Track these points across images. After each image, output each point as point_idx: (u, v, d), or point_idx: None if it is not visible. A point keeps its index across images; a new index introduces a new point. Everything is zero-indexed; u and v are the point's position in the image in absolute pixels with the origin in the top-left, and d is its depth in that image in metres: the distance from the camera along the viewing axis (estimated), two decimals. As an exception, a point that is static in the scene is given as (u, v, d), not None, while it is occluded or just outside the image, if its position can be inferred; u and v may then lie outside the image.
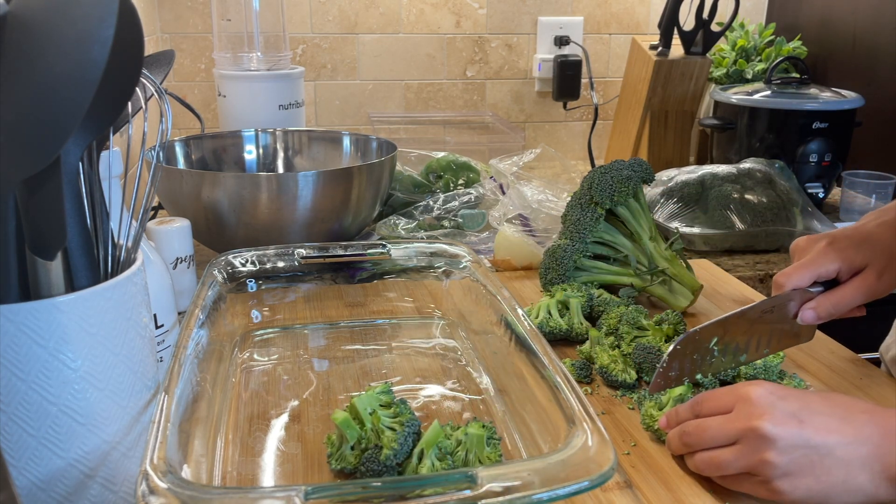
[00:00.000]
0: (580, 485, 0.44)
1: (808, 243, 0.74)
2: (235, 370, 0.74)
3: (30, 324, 0.45)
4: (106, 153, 0.62)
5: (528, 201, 1.06)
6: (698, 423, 0.58)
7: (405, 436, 0.56)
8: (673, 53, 1.47)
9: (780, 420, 0.53)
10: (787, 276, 0.71)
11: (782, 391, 0.56)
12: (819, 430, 0.53)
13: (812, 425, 0.53)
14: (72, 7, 0.42)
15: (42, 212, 0.45)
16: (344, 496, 0.43)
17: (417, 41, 1.60)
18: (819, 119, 1.30)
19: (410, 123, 1.61)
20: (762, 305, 0.69)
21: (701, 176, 1.18)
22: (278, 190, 0.92)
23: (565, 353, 0.79)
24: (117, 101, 0.48)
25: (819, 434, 0.53)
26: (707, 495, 0.57)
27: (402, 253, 0.82)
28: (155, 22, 1.50)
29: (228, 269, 0.77)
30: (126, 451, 0.51)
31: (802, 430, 0.53)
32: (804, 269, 0.70)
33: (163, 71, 0.64)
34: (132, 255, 0.54)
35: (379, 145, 1.16)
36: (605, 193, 0.87)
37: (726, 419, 0.56)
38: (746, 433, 0.54)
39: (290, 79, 1.28)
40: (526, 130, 1.70)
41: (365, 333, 0.82)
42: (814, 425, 0.53)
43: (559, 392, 0.54)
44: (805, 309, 0.70)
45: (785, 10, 1.68)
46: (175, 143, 1.12)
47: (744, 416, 0.55)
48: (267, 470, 0.59)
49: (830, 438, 0.53)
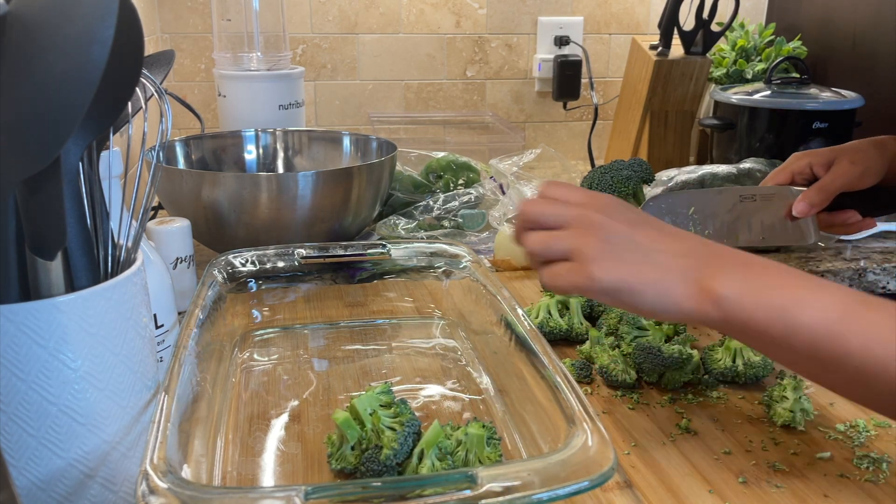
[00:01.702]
0: (580, 485, 0.44)
1: None
2: (235, 370, 0.74)
3: (30, 324, 0.45)
4: (106, 153, 0.62)
5: (528, 201, 1.06)
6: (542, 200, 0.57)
7: (405, 436, 0.56)
8: (673, 53, 1.47)
9: (613, 215, 0.54)
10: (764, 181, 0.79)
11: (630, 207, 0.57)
12: (648, 235, 0.53)
13: (643, 231, 0.54)
14: (72, 7, 0.42)
15: (42, 212, 0.45)
16: (344, 496, 0.43)
17: (417, 41, 1.60)
18: (819, 119, 1.30)
19: (410, 123, 1.61)
20: (738, 190, 0.74)
21: (701, 176, 1.18)
22: (278, 190, 0.92)
23: (565, 353, 0.79)
24: (117, 101, 0.48)
25: (647, 238, 0.53)
26: (707, 495, 0.57)
27: (402, 253, 0.82)
28: (155, 22, 1.50)
29: (228, 269, 0.77)
30: (126, 451, 0.51)
31: (632, 231, 0.53)
32: (777, 171, 0.80)
33: (163, 71, 0.64)
34: (132, 255, 0.54)
35: (379, 145, 1.16)
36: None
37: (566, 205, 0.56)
38: (580, 218, 0.54)
39: (290, 79, 1.28)
40: (526, 130, 1.70)
41: (365, 333, 0.82)
42: (644, 232, 0.54)
43: (559, 392, 0.54)
44: (796, 202, 0.75)
45: (785, 10, 1.68)
46: (175, 143, 1.12)
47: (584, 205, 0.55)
48: (267, 470, 0.59)
49: (656, 245, 0.53)
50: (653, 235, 0.54)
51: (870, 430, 0.65)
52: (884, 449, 0.63)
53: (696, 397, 0.71)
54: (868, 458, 0.61)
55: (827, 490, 0.57)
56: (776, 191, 0.76)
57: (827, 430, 0.66)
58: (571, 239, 0.53)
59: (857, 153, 0.77)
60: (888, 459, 0.61)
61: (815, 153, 0.79)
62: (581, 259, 0.52)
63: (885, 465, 0.60)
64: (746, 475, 0.59)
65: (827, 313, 0.47)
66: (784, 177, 0.79)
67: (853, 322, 0.46)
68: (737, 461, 0.61)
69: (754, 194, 0.74)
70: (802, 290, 0.49)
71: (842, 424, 0.66)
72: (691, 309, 0.51)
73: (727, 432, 0.65)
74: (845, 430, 0.65)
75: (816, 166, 0.78)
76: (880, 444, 0.64)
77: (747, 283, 0.50)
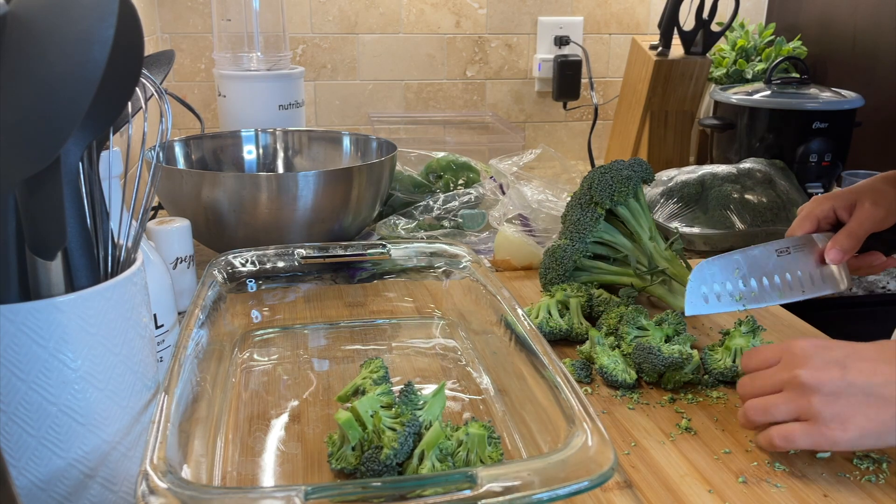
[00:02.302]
0: (580, 485, 0.44)
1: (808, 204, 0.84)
2: (235, 370, 0.74)
3: (30, 324, 0.45)
4: (106, 153, 0.62)
5: (528, 201, 1.06)
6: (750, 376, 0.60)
7: (405, 436, 0.56)
8: (673, 53, 1.47)
9: (820, 367, 0.54)
10: (791, 229, 0.80)
11: (828, 342, 0.57)
12: (862, 372, 0.53)
13: (855, 370, 0.54)
14: (72, 7, 0.42)
15: (42, 212, 0.45)
16: (344, 496, 0.43)
17: (417, 41, 1.60)
18: (819, 119, 1.30)
19: (410, 123, 1.61)
20: (774, 245, 0.77)
21: (701, 176, 1.18)
22: (278, 190, 0.92)
23: (565, 353, 0.79)
24: (117, 101, 0.48)
25: (862, 376, 0.53)
26: (707, 495, 0.57)
27: (402, 253, 0.82)
28: (155, 22, 1.50)
29: (228, 269, 0.77)
30: (126, 451, 0.51)
31: (845, 375, 0.53)
32: (802, 218, 0.80)
33: (163, 71, 0.64)
34: (132, 255, 0.54)
35: (379, 145, 1.16)
36: (605, 193, 0.87)
37: (773, 370, 0.58)
38: (790, 382, 0.55)
39: (290, 79, 1.28)
40: (526, 130, 1.70)
41: (365, 333, 0.82)
42: (857, 369, 0.54)
43: (559, 392, 0.54)
44: (827, 250, 0.76)
45: (785, 10, 1.68)
46: (175, 143, 1.12)
47: (787, 365, 0.56)
48: (267, 470, 0.59)
49: (875, 379, 0.53)
50: (865, 370, 0.54)
51: (870, 430, 0.65)
52: (884, 449, 0.63)
53: (696, 397, 0.71)
54: (868, 457, 0.61)
55: (827, 490, 0.57)
56: (807, 240, 0.78)
57: (827, 430, 0.66)
58: (793, 403, 0.55)
59: (878, 194, 0.78)
60: (888, 459, 0.61)
61: (836, 196, 0.80)
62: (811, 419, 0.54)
63: (885, 464, 0.60)
64: (746, 475, 0.59)
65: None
66: (810, 224, 0.80)
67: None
68: (737, 461, 0.61)
69: (788, 247, 0.76)
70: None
71: (842, 424, 0.66)
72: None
73: (727, 432, 0.65)
74: (845, 430, 0.65)
75: (839, 210, 0.79)
76: (880, 444, 0.64)
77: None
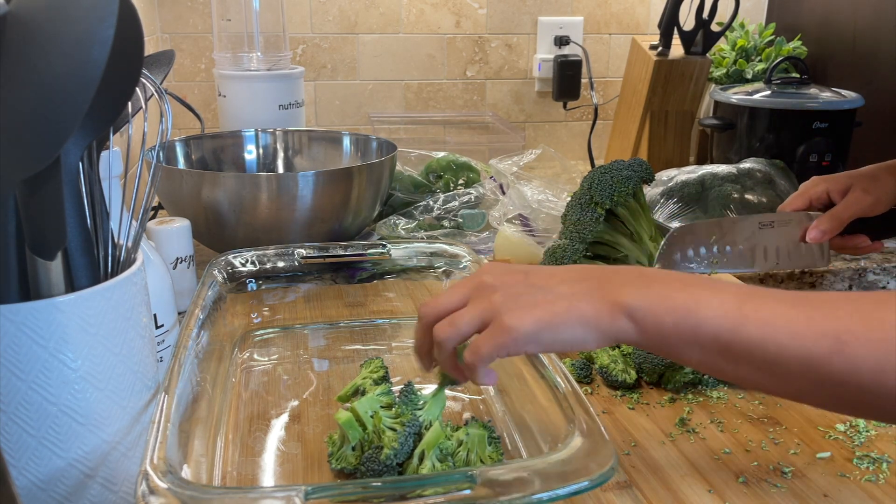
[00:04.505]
0: (580, 485, 0.44)
1: None
2: (235, 370, 0.74)
3: (30, 324, 0.45)
4: (106, 153, 0.62)
5: (528, 201, 1.06)
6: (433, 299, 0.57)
7: (405, 436, 0.56)
8: (673, 53, 1.47)
9: (503, 273, 0.55)
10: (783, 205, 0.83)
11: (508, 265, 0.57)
12: (541, 276, 0.54)
13: (535, 275, 0.54)
14: (72, 7, 0.42)
15: (42, 212, 0.45)
16: (344, 496, 0.43)
17: (417, 41, 1.60)
18: (819, 119, 1.30)
19: (410, 123, 1.61)
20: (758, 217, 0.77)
21: (701, 176, 1.18)
22: (278, 190, 0.92)
23: (565, 353, 0.79)
24: (117, 101, 0.48)
25: (541, 279, 0.54)
26: (707, 495, 0.57)
27: (402, 253, 0.82)
28: (155, 22, 1.50)
29: (228, 269, 0.77)
30: (126, 451, 0.51)
31: (527, 279, 0.54)
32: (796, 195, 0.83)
33: (163, 71, 0.64)
34: (132, 255, 0.54)
35: (379, 145, 1.16)
36: (605, 193, 0.87)
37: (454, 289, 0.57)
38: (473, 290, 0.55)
39: (290, 79, 1.28)
40: (526, 130, 1.70)
41: (365, 333, 0.82)
42: (536, 274, 0.54)
43: (559, 392, 0.54)
44: (809, 229, 0.78)
45: (785, 10, 1.68)
46: (175, 143, 1.12)
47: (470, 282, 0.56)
48: (267, 470, 0.59)
49: (552, 280, 0.53)
50: (544, 274, 0.54)
51: (870, 430, 0.65)
52: (884, 449, 0.63)
53: (696, 397, 0.71)
54: (868, 457, 0.61)
55: (827, 490, 0.57)
56: (793, 217, 0.80)
57: (827, 430, 0.66)
58: (475, 307, 0.54)
59: (871, 181, 0.80)
60: (888, 459, 0.61)
61: (832, 179, 0.82)
62: (493, 318, 0.52)
63: (885, 465, 0.60)
64: (746, 475, 0.59)
65: (725, 307, 0.48)
66: (802, 202, 0.82)
67: (750, 311, 0.47)
68: (737, 461, 0.61)
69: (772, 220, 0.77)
70: (702, 290, 0.50)
71: (842, 424, 0.66)
72: (608, 326, 0.51)
73: (727, 432, 0.65)
74: (845, 430, 0.65)
75: (833, 192, 0.81)
76: (880, 444, 0.64)
77: (651, 292, 0.50)
